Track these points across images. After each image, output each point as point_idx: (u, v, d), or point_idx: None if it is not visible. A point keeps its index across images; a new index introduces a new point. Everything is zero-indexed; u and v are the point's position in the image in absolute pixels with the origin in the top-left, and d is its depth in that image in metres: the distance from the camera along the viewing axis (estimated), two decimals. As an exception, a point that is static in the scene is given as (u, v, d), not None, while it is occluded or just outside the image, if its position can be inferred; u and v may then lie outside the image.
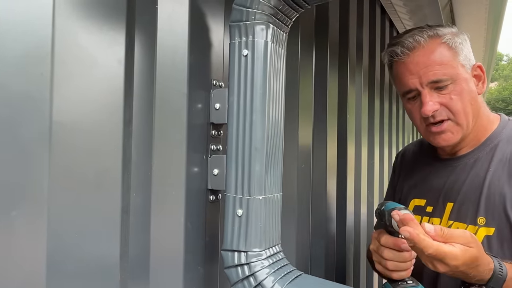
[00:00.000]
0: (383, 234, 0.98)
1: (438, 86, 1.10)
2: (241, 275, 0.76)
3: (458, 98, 1.10)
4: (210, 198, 0.85)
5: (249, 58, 0.76)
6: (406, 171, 1.35)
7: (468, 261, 0.87)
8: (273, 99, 0.78)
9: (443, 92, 1.10)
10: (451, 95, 1.10)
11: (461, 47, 1.13)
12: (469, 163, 1.15)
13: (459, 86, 1.10)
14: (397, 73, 1.17)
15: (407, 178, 1.33)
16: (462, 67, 1.11)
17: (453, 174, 1.17)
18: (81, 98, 0.59)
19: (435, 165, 1.24)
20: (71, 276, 0.58)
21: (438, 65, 1.10)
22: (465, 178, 1.14)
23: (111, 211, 0.64)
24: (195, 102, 0.80)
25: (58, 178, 0.56)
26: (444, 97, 1.10)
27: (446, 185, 1.18)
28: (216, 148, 0.86)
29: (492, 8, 2.43)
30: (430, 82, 1.10)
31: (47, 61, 0.54)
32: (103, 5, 0.63)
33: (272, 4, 0.75)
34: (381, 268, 0.99)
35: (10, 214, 0.51)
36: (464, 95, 1.10)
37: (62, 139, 0.56)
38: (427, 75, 1.10)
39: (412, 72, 1.13)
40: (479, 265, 0.89)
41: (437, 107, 1.10)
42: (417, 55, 1.12)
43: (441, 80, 1.09)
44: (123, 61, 0.66)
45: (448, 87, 1.10)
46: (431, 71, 1.10)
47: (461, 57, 1.12)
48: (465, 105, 1.10)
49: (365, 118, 2.01)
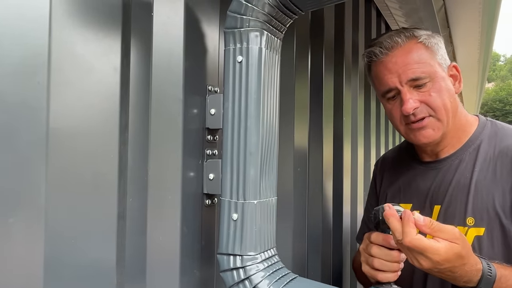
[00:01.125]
0: (374, 232, 0.98)
1: (417, 84, 1.12)
2: (236, 278, 0.77)
3: (437, 95, 1.11)
4: (206, 202, 0.86)
5: (244, 65, 0.77)
6: (388, 177, 1.35)
7: (452, 258, 0.87)
8: (267, 105, 0.79)
9: (422, 90, 1.12)
10: (430, 92, 1.11)
11: (437, 47, 1.15)
12: (453, 164, 1.16)
13: (438, 84, 1.12)
14: (376, 73, 1.19)
15: (390, 184, 1.33)
16: (439, 66, 1.14)
17: (438, 176, 1.18)
18: (77, 105, 0.60)
19: (419, 168, 1.25)
20: (68, 280, 0.59)
21: (416, 63, 1.12)
22: (451, 180, 1.15)
23: (108, 216, 0.65)
24: (190, 107, 0.81)
25: (55, 184, 0.57)
26: (423, 94, 1.12)
27: (432, 187, 1.18)
28: (212, 153, 0.87)
29: (486, 10, 2.45)
30: (409, 80, 1.12)
31: (43, 69, 0.55)
32: (99, 14, 0.64)
33: (266, 11, 0.76)
34: (367, 269, 0.99)
35: (8, 221, 0.52)
36: (443, 92, 1.12)
37: (59, 145, 0.57)
38: (406, 73, 1.12)
39: (391, 71, 1.14)
40: (465, 264, 0.89)
41: (417, 105, 1.11)
42: (395, 55, 1.14)
43: (420, 78, 1.11)
44: (119, 68, 0.67)
45: (427, 85, 1.11)
46: (410, 69, 1.12)
47: (438, 56, 1.14)
48: (445, 102, 1.12)
49: (361, 120, 2.02)
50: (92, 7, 0.63)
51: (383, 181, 1.37)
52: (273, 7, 0.77)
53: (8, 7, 0.51)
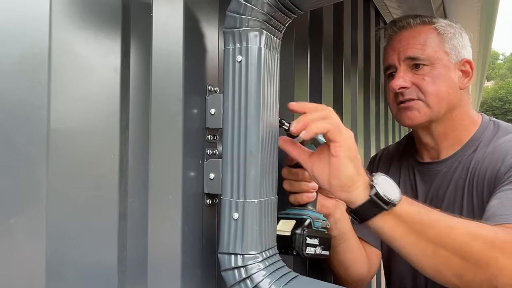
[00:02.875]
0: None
1: (415, 64, 1.11)
2: (237, 277, 0.77)
3: (431, 81, 1.10)
4: (207, 202, 0.86)
5: (243, 64, 0.77)
6: (387, 172, 1.33)
7: (351, 141, 0.81)
8: (267, 104, 0.80)
9: (418, 73, 1.11)
10: (425, 76, 1.11)
11: (451, 36, 1.14)
12: (453, 166, 1.15)
13: (437, 70, 1.11)
14: (384, 50, 1.20)
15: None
16: (445, 54, 1.12)
17: (437, 179, 1.18)
18: (78, 105, 0.61)
19: (418, 170, 1.24)
20: (70, 280, 0.59)
21: (420, 44, 1.12)
22: (449, 183, 1.14)
23: (109, 216, 0.65)
24: (190, 107, 0.81)
25: (56, 184, 0.57)
26: (417, 77, 1.11)
27: (431, 191, 1.18)
28: (212, 152, 0.87)
29: (484, 8, 2.45)
30: (406, 58, 1.12)
31: (44, 69, 0.55)
32: (99, 14, 0.64)
33: (265, 10, 0.77)
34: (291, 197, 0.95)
35: (9, 221, 0.52)
36: (439, 80, 1.10)
37: (60, 145, 0.58)
38: (405, 51, 1.12)
39: (394, 48, 1.15)
40: (360, 167, 0.82)
41: (407, 85, 1.11)
42: (403, 34, 1.15)
43: (418, 58, 1.11)
44: (119, 68, 0.67)
45: (424, 68, 1.11)
46: (411, 48, 1.12)
47: (448, 45, 1.13)
48: (439, 89, 1.10)
49: (360, 119, 2.02)
50: (92, 8, 0.63)
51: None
52: (272, 6, 0.77)
53: (9, 7, 0.52)
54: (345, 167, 0.80)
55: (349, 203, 0.84)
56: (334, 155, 0.80)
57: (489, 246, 0.81)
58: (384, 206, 0.81)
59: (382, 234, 0.85)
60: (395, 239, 0.84)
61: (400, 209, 0.82)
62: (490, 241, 0.82)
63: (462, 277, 0.82)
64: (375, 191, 0.81)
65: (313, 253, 0.92)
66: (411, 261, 0.86)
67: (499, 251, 0.81)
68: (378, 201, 0.81)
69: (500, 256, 0.80)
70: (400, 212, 0.82)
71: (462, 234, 0.82)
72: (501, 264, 0.80)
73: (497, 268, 0.80)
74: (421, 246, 0.82)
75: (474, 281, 0.82)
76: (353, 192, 0.82)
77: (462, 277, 0.82)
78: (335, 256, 1.13)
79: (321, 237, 0.93)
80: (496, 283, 0.80)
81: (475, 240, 0.82)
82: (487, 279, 0.81)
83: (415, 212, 0.84)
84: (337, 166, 0.80)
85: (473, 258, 0.81)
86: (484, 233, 0.83)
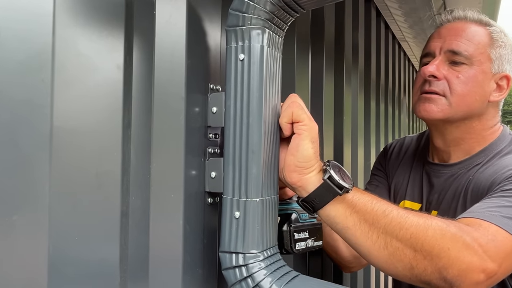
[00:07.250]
0: None
1: (454, 60, 1.06)
2: (239, 276, 0.77)
3: (464, 81, 1.05)
4: (208, 200, 0.86)
5: (246, 63, 0.77)
6: (398, 165, 1.32)
7: (315, 129, 0.81)
8: (269, 103, 0.80)
9: (455, 68, 1.06)
10: (460, 74, 1.05)
11: (501, 45, 1.09)
12: (458, 173, 1.14)
13: (473, 72, 1.06)
14: (429, 37, 1.15)
15: (400, 174, 1.30)
16: (488, 60, 1.07)
17: (441, 182, 1.17)
18: (81, 103, 0.61)
19: (426, 169, 1.23)
20: (72, 278, 0.59)
21: (467, 40, 1.06)
22: (449, 189, 1.13)
23: (111, 214, 0.65)
24: (192, 105, 0.81)
25: (58, 182, 0.57)
26: (452, 73, 1.06)
27: (433, 193, 1.18)
28: (214, 151, 0.87)
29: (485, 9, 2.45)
30: (448, 50, 1.07)
31: (47, 68, 0.55)
32: (102, 12, 0.64)
33: (268, 9, 0.77)
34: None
35: (12, 218, 0.52)
36: (471, 83, 1.06)
37: (62, 143, 0.57)
38: (450, 42, 1.07)
39: (440, 36, 1.10)
40: (318, 153, 0.81)
41: (439, 75, 1.06)
42: (454, 24, 1.10)
43: (460, 54, 1.06)
44: (122, 66, 0.67)
45: (462, 66, 1.06)
46: (456, 40, 1.07)
47: (494, 51, 1.08)
48: (468, 92, 1.05)
49: (361, 120, 2.02)
50: (95, 6, 0.63)
51: (396, 166, 1.32)
52: (275, 5, 0.77)
53: (12, 5, 0.52)
54: (304, 146, 0.79)
55: (301, 188, 0.82)
56: (297, 133, 0.80)
57: (440, 237, 0.80)
58: (338, 191, 0.79)
59: (335, 224, 0.83)
60: (348, 229, 0.82)
61: (353, 197, 0.82)
62: (441, 233, 0.81)
63: (413, 269, 0.81)
64: (328, 174, 0.80)
65: (305, 247, 0.89)
66: (363, 253, 0.85)
67: (451, 243, 0.80)
68: (332, 185, 0.79)
69: (452, 248, 0.80)
70: (353, 201, 0.81)
71: (414, 225, 0.81)
72: (453, 256, 0.79)
73: (449, 259, 0.79)
74: (373, 237, 0.81)
75: (425, 273, 0.81)
76: (306, 176, 0.80)
77: (413, 268, 0.81)
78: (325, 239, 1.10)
79: (310, 229, 0.91)
80: (446, 274, 0.79)
81: (426, 231, 0.80)
82: (437, 270, 0.80)
83: (367, 201, 0.83)
84: (297, 143, 0.80)
85: (425, 249, 0.80)
86: (436, 224, 0.82)
